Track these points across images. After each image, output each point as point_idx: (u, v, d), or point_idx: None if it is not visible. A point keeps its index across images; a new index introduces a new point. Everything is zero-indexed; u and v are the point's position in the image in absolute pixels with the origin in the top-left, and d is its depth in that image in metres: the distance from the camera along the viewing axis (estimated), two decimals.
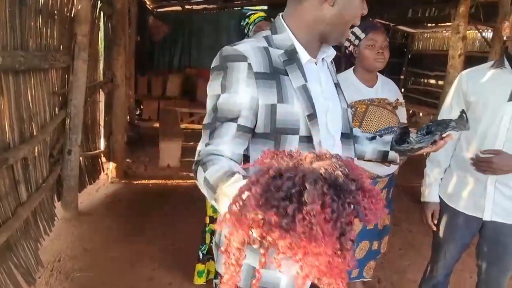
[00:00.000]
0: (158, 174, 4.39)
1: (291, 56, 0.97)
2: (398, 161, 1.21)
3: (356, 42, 1.88)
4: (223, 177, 0.76)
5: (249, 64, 0.91)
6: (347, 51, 1.94)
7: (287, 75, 0.95)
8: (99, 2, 3.55)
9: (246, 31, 2.23)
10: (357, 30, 1.89)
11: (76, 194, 3.18)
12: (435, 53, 8.34)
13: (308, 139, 0.96)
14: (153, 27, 7.29)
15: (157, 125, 6.13)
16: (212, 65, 0.97)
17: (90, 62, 3.26)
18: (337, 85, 1.14)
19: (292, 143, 0.95)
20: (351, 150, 1.12)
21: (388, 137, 1.21)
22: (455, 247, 1.80)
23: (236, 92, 0.92)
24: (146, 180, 4.19)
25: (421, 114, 8.50)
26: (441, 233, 1.83)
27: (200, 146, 0.94)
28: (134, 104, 6.56)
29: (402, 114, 2.00)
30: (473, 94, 1.67)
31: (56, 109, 2.89)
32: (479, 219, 1.69)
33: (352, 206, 0.50)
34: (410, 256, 2.98)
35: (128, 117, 5.56)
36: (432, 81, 8.96)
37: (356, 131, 1.27)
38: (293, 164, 0.54)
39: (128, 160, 4.43)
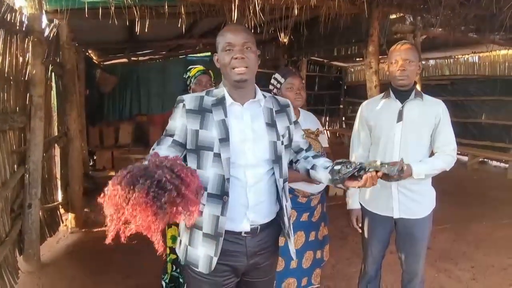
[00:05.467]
0: None
1: (220, 101, 1.45)
2: (345, 188, 1.49)
3: (278, 85, 2.26)
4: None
5: (184, 104, 1.43)
6: (272, 93, 2.34)
7: (212, 112, 1.42)
8: (50, 65, 3.78)
9: (188, 82, 2.63)
10: (278, 76, 2.28)
11: (38, 247, 3.25)
12: None
13: (219, 155, 1.38)
14: (101, 80, 7.48)
15: (112, 173, 6.21)
16: None
17: (45, 119, 3.45)
18: (269, 124, 1.49)
19: (208, 157, 1.39)
20: (277, 171, 1.47)
21: (337, 167, 1.43)
22: (378, 243, 2.19)
23: (175, 120, 1.44)
24: (106, 226, 4.26)
25: None
26: (365, 234, 2.22)
27: (153, 147, 1.43)
28: (87, 155, 6.62)
29: (323, 140, 2.40)
30: (372, 119, 2.13)
31: (15, 166, 3.03)
32: (391, 218, 2.11)
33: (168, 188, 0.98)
34: (357, 264, 3.28)
35: (82, 168, 5.62)
36: None
37: (318, 161, 1.58)
38: (144, 166, 1.02)
39: (86, 209, 4.51)
